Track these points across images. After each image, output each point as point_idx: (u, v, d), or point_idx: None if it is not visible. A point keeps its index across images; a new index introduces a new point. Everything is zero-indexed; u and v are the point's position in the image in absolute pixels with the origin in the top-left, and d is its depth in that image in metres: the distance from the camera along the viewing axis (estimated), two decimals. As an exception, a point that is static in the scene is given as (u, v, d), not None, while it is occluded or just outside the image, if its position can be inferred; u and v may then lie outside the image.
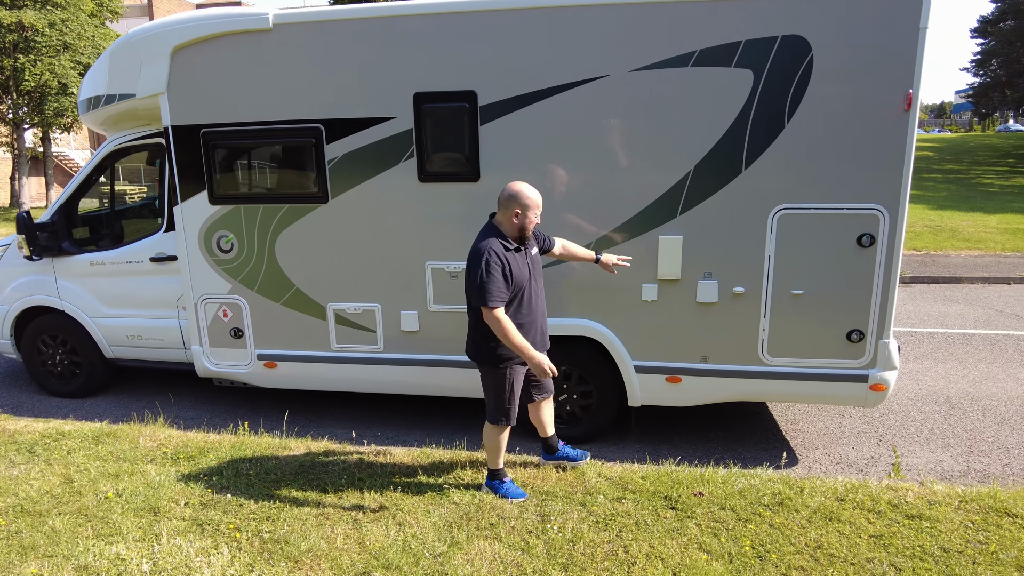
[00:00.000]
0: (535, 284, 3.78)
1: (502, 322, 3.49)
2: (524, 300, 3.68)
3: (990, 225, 14.85)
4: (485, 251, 3.51)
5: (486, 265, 3.47)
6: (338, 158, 4.66)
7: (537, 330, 3.80)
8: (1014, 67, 29.49)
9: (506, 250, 3.58)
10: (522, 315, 3.69)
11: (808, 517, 3.55)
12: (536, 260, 3.83)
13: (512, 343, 3.50)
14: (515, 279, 3.57)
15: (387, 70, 4.45)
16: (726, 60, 4.04)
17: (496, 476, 3.93)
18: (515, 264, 3.59)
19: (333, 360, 5.05)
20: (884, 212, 4.07)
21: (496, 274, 3.47)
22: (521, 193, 3.60)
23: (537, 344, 3.74)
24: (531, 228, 3.66)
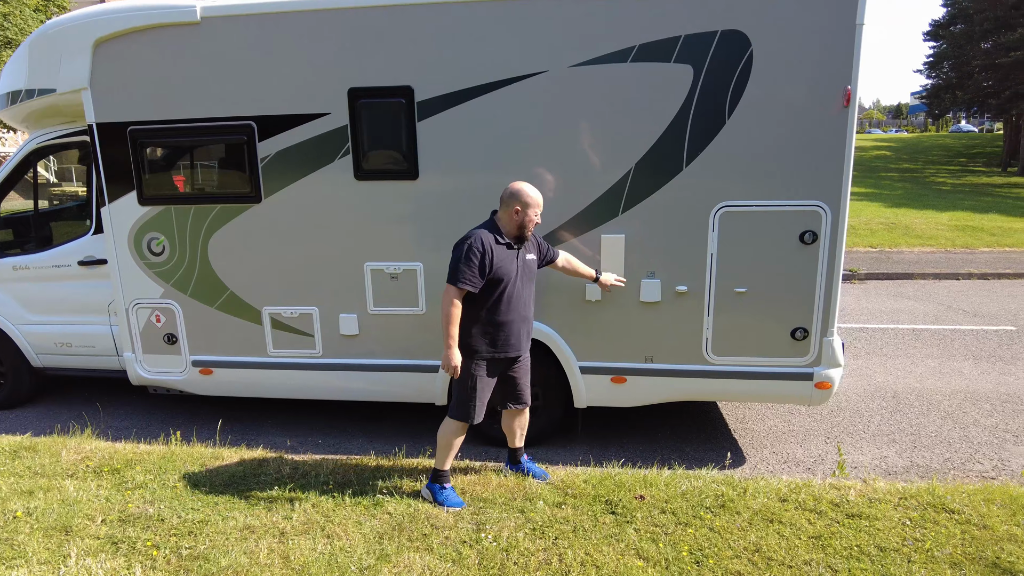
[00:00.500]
0: (521, 286, 3.71)
1: (453, 304, 3.52)
2: (504, 298, 3.64)
3: (941, 222, 15.18)
4: (472, 236, 3.56)
5: (468, 248, 3.51)
6: (271, 156, 4.48)
7: (513, 333, 3.72)
8: (964, 69, 30.28)
9: (496, 243, 3.57)
10: (500, 313, 3.65)
11: (749, 519, 3.49)
12: (529, 264, 3.78)
13: (445, 326, 3.53)
14: (495, 272, 3.56)
15: (320, 65, 4.29)
16: (665, 55, 3.98)
17: (439, 479, 3.81)
18: (500, 258, 3.56)
19: (270, 366, 4.87)
20: (826, 209, 4.04)
21: (473, 259, 3.50)
22: (522, 191, 3.59)
23: (509, 346, 3.72)
24: (530, 227, 3.65)
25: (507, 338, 3.69)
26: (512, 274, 3.65)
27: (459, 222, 4.33)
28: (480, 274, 3.54)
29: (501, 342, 3.69)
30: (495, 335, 3.67)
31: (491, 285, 3.61)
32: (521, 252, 3.71)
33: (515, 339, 3.73)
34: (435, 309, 4.47)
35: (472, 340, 3.64)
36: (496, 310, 3.65)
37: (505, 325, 3.67)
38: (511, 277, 3.64)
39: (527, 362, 3.94)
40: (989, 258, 12.09)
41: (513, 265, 3.66)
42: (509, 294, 3.66)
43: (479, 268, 3.52)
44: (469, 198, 4.29)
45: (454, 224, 4.34)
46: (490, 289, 3.62)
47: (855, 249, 13.03)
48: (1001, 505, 3.65)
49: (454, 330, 3.54)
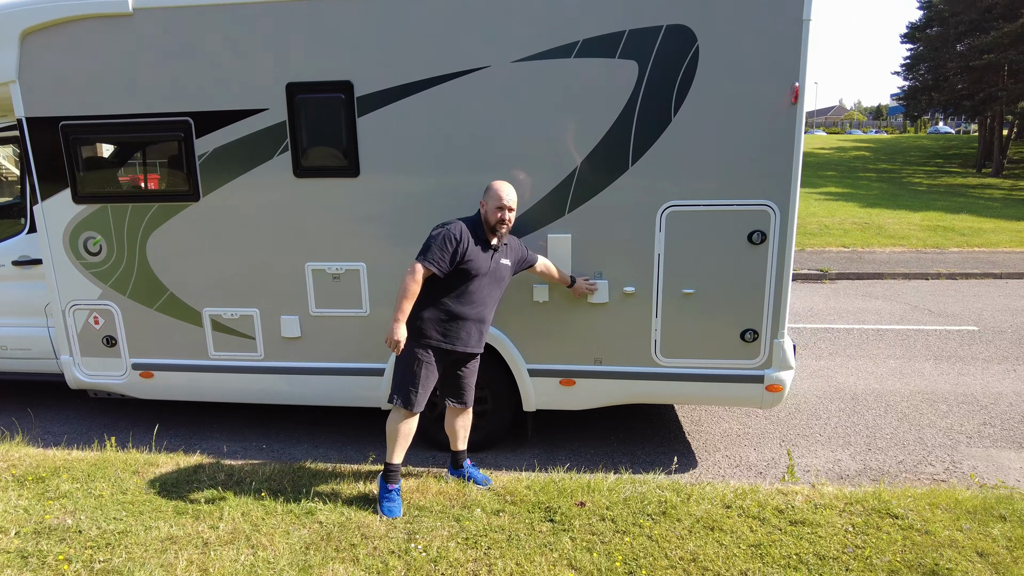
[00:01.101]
0: (486, 285, 3.66)
1: (414, 280, 3.46)
2: (469, 291, 3.60)
3: (913, 222, 15.28)
4: (453, 223, 3.57)
5: (446, 231, 3.51)
6: (209, 153, 4.33)
7: (465, 328, 3.66)
8: (939, 72, 30.59)
9: (474, 237, 3.56)
10: (462, 305, 3.61)
11: (690, 527, 3.40)
12: (500, 269, 3.72)
13: (398, 299, 3.47)
14: (465, 263, 3.53)
15: (257, 59, 4.15)
16: (610, 51, 3.88)
17: (388, 476, 3.69)
18: (474, 253, 3.56)
19: (211, 369, 4.72)
20: (775, 208, 3.97)
21: (448, 245, 3.48)
22: (491, 187, 3.63)
23: (458, 340, 3.66)
24: (499, 225, 3.59)
25: (458, 332, 3.62)
26: (481, 271, 3.60)
27: (402, 221, 4.23)
28: (450, 260, 3.50)
29: (452, 334, 3.61)
30: (447, 325, 3.60)
31: (457, 275, 3.56)
32: (497, 254, 3.66)
33: (466, 335, 3.65)
34: (379, 311, 4.35)
35: (424, 324, 3.59)
36: (456, 301, 3.59)
37: (459, 318, 3.60)
38: (479, 273, 3.59)
39: (476, 364, 3.87)
40: (958, 258, 12.15)
41: (486, 264, 3.61)
42: (473, 289, 3.60)
43: (451, 255, 3.49)
44: (411, 196, 4.18)
45: (396, 223, 4.25)
46: (455, 278, 3.57)
47: (828, 249, 13.06)
48: (946, 509, 3.60)
49: (407, 305, 3.48)
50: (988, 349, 7.01)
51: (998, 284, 10.41)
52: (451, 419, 3.93)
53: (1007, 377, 6.18)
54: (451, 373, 3.80)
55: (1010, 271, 11.03)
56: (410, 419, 3.70)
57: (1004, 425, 5.17)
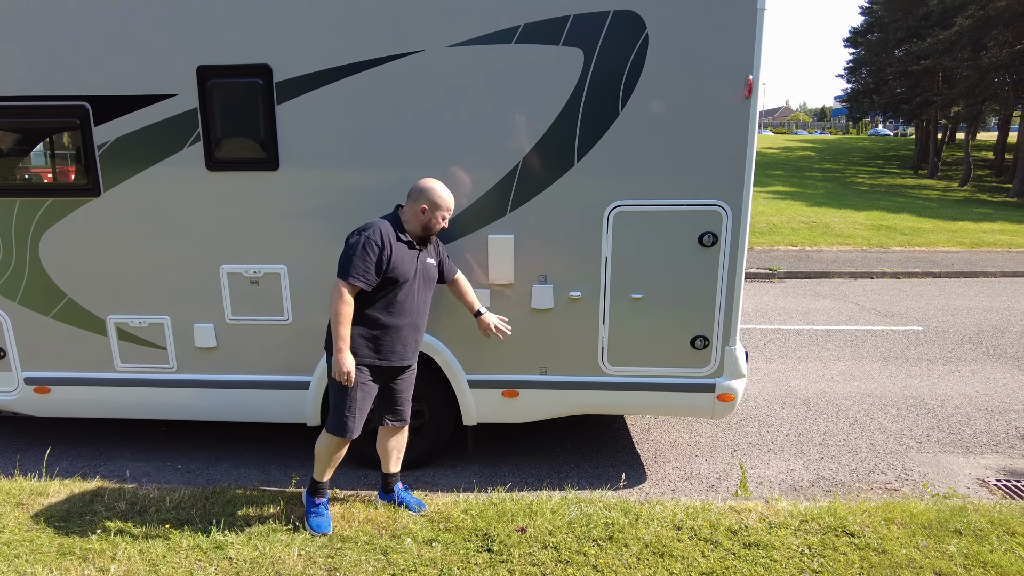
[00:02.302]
0: (417, 290, 3.34)
1: (343, 301, 3.12)
2: (397, 300, 3.27)
3: (858, 221, 15.56)
4: (371, 227, 3.19)
5: (365, 240, 3.13)
6: (110, 143, 3.87)
7: (400, 339, 3.33)
8: (880, 76, 31.52)
9: (397, 239, 3.23)
10: (391, 315, 3.27)
11: (638, 553, 3.15)
12: (429, 269, 3.40)
13: (334, 327, 3.13)
14: (393, 270, 3.20)
15: (165, 39, 3.70)
16: (554, 37, 3.59)
17: (315, 491, 3.45)
18: (399, 256, 3.22)
19: (118, 383, 4.24)
20: (727, 209, 3.75)
21: (371, 254, 3.13)
22: (433, 190, 3.27)
23: (394, 354, 3.32)
24: (435, 230, 3.33)
25: (393, 344, 3.29)
26: (410, 275, 3.27)
27: (326, 218, 3.86)
28: (376, 271, 3.15)
29: (386, 348, 3.28)
30: (380, 339, 3.26)
31: (385, 284, 3.22)
32: (423, 254, 3.33)
33: (401, 346, 3.32)
34: (302, 318, 3.97)
35: (354, 343, 3.22)
36: (386, 312, 3.25)
37: (393, 330, 3.27)
38: (408, 278, 3.26)
39: (412, 375, 3.55)
40: (901, 257, 12.37)
41: (413, 266, 3.27)
42: (404, 296, 3.27)
43: (375, 264, 3.14)
44: (337, 191, 3.81)
45: (320, 220, 3.88)
46: (383, 288, 3.23)
47: (776, 248, 13.14)
48: (901, 525, 3.44)
49: (345, 331, 3.12)
50: (932, 349, 7.02)
51: (938, 283, 10.60)
52: (385, 439, 3.59)
53: (951, 378, 6.18)
54: (386, 389, 3.46)
55: (949, 270, 11.26)
56: (344, 445, 3.38)
57: (951, 429, 5.11)
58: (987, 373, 6.32)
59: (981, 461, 4.65)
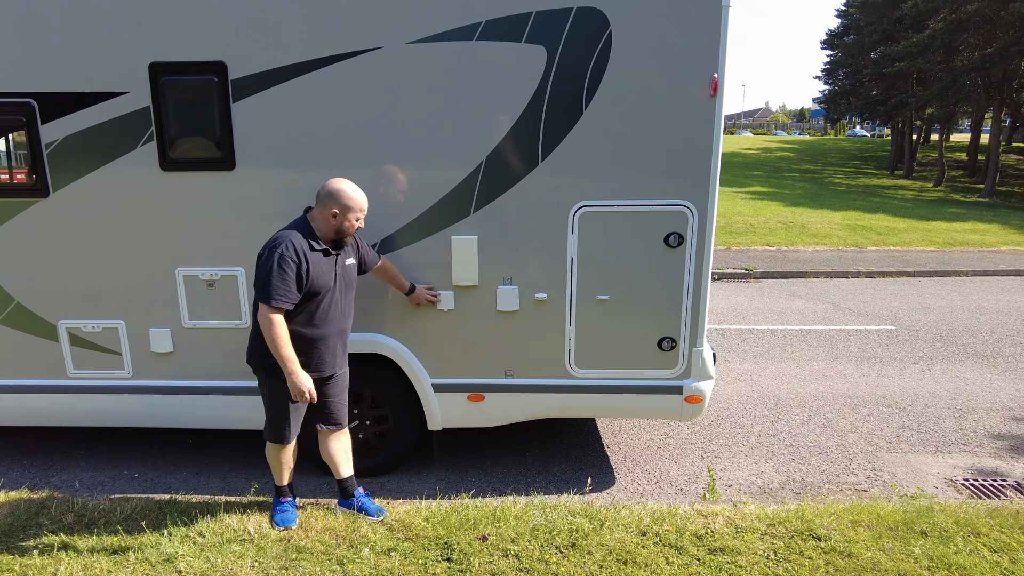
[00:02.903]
0: (339, 296, 3.25)
1: (274, 325, 3.01)
2: (320, 309, 3.17)
3: (835, 221, 15.67)
4: (283, 243, 3.05)
5: (279, 259, 3.00)
6: (58, 141, 3.73)
7: (329, 349, 3.26)
8: (856, 77, 31.89)
9: (311, 249, 3.08)
10: (316, 327, 3.17)
11: (601, 561, 3.08)
12: (348, 271, 3.31)
13: (276, 351, 3.03)
14: (312, 283, 3.08)
15: (116, 34, 3.58)
16: (516, 34, 3.52)
17: (279, 493, 3.49)
18: (316, 266, 3.09)
19: (70, 390, 4.10)
20: (692, 209, 3.71)
21: (288, 272, 3.01)
22: (342, 191, 3.15)
23: (324, 364, 3.25)
24: (351, 233, 3.22)
25: (322, 355, 3.22)
26: (330, 284, 3.18)
27: (284, 219, 3.67)
28: (297, 287, 3.05)
29: (315, 360, 3.20)
30: (308, 352, 3.18)
31: (306, 298, 3.12)
32: (340, 258, 3.22)
33: (330, 356, 3.26)
34: (261, 322, 3.86)
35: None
36: (310, 324, 3.16)
37: (320, 341, 3.19)
38: (329, 287, 3.17)
39: (344, 378, 3.47)
40: (876, 257, 12.47)
41: (331, 274, 3.18)
42: (327, 305, 3.18)
43: (295, 282, 3.04)
44: (295, 192, 3.68)
45: (279, 221, 3.69)
46: (304, 302, 3.13)
47: (753, 248, 13.19)
48: (868, 527, 3.41)
49: (288, 352, 3.03)
50: (904, 349, 7.05)
51: (912, 282, 10.68)
52: (326, 444, 3.50)
53: (922, 377, 6.20)
54: (319, 394, 3.36)
55: (922, 270, 11.36)
56: (285, 450, 3.34)
57: (921, 428, 5.12)
58: (957, 372, 6.35)
59: (950, 460, 4.65)
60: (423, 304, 3.77)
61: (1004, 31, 21.82)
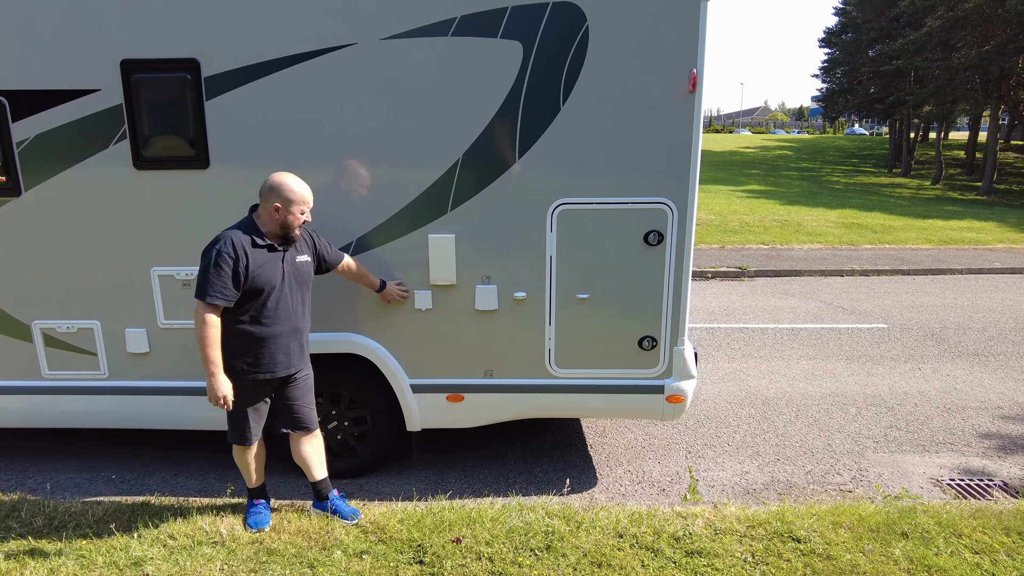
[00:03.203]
0: (289, 293, 3.18)
1: (206, 323, 2.99)
2: (267, 307, 3.12)
3: (830, 220, 15.62)
4: (222, 240, 3.05)
5: (216, 254, 3.00)
6: (30, 140, 3.69)
7: (280, 349, 3.19)
8: (854, 75, 31.82)
9: (254, 245, 3.05)
10: (265, 325, 3.12)
11: (575, 564, 3.04)
12: (300, 268, 3.25)
13: (201, 350, 3.02)
14: (254, 280, 3.04)
15: (87, 31, 3.54)
16: (491, 29, 3.48)
17: (252, 495, 3.49)
18: (258, 263, 3.05)
19: (45, 391, 4.06)
20: (672, 206, 3.66)
21: (225, 268, 2.98)
22: (283, 185, 3.10)
23: (276, 364, 3.18)
24: (296, 227, 3.14)
25: (273, 355, 3.16)
26: (276, 280, 3.12)
27: (259, 220, 3.71)
28: (234, 284, 3.01)
29: (266, 361, 3.15)
30: (258, 352, 3.14)
31: (249, 296, 3.08)
32: (289, 254, 3.18)
33: (283, 356, 3.20)
34: (237, 322, 3.82)
35: (229, 359, 3.11)
36: (258, 323, 3.12)
37: (269, 340, 3.14)
38: (275, 284, 3.12)
39: (306, 380, 3.41)
40: (871, 255, 12.42)
41: (277, 271, 3.13)
42: (273, 304, 3.13)
43: (232, 278, 3.00)
44: (270, 191, 3.66)
45: (253, 222, 3.72)
46: (248, 301, 3.09)
47: (748, 246, 13.14)
48: (849, 528, 3.37)
49: (213, 353, 2.99)
50: (895, 347, 7.01)
51: (906, 280, 10.64)
52: (297, 447, 3.46)
53: (912, 376, 6.15)
54: (280, 397, 3.34)
55: (917, 268, 11.32)
56: (250, 450, 3.32)
57: (909, 428, 5.07)
58: (947, 370, 6.31)
59: (936, 460, 4.61)
60: (394, 300, 3.73)
61: (1001, 28, 21.76)
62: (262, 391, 3.22)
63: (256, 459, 3.38)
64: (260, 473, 3.44)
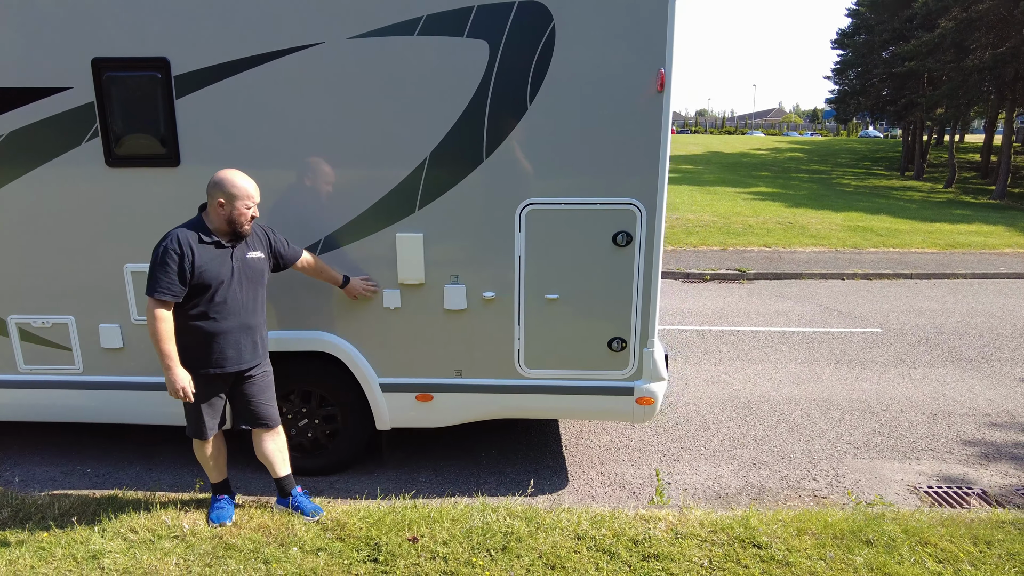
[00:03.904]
0: (239, 289, 3.21)
1: (157, 319, 3.05)
2: (215, 303, 3.15)
3: (835, 222, 15.47)
4: (168, 238, 3.10)
5: (163, 252, 3.05)
6: (3, 136, 3.73)
7: (231, 344, 3.22)
8: (867, 77, 31.49)
9: (200, 242, 3.10)
10: (216, 320, 3.16)
11: (529, 565, 3.03)
12: (251, 264, 3.27)
13: (156, 345, 3.06)
14: (200, 276, 3.08)
15: (58, 29, 3.57)
16: (457, 28, 3.47)
17: (215, 490, 3.55)
18: (205, 259, 3.10)
19: (21, 384, 4.11)
20: (640, 207, 3.64)
21: (170, 264, 3.03)
22: (225, 180, 3.11)
23: (226, 360, 3.21)
24: (242, 222, 3.18)
25: (223, 350, 3.18)
26: (224, 277, 3.15)
27: (228, 217, 3.73)
28: (180, 280, 3.05)
29: (217, 356, 3.17)
30: (209, 348, 3.16)
31: (197, 291, 3.11)
32: (237, 251, 3.20)
33: (234, 351, 3.22)
34: (207, 319, 3.84)
35: (183, 353, 3.12)
36: (207, 318, 3.15)
37: (220, 335, 3.16)
38: (222, 280, 3.14)
39: (264, 377, 3.42)
40: (874, 258, 12.28)
41: (225, 266, 3.15)
42: (221, 300, 3.15)
43: (177, 274, 3.04)
44: (238, 189, 3.67)
45: (222, 220, 3.74)
46: (196, 296, 3.12)
47: (749, 248, 13.04)
48: (813, 535, 3.33)
49: (167, 347, 3.03)
50: (888, 352, 6.92)
51: (907, 284, 10.51)
52: (259, 444, 3.47)
53: (902, 381, 6.08)
54: (235, 393, 3.36)
55: (919, 271, 11.17)
56: (212, 444, 3.37)
57: (892, 434, 5.01)
58: (938, 376, 6.23)
59: (916, 467, 4.55)
60: (360, 296, 3.72)
61: (1016, 30, 21.44)
62: (215, 386, 3.24)
63: (215, 454, 3.41)
64: (221, 468, 3.46)
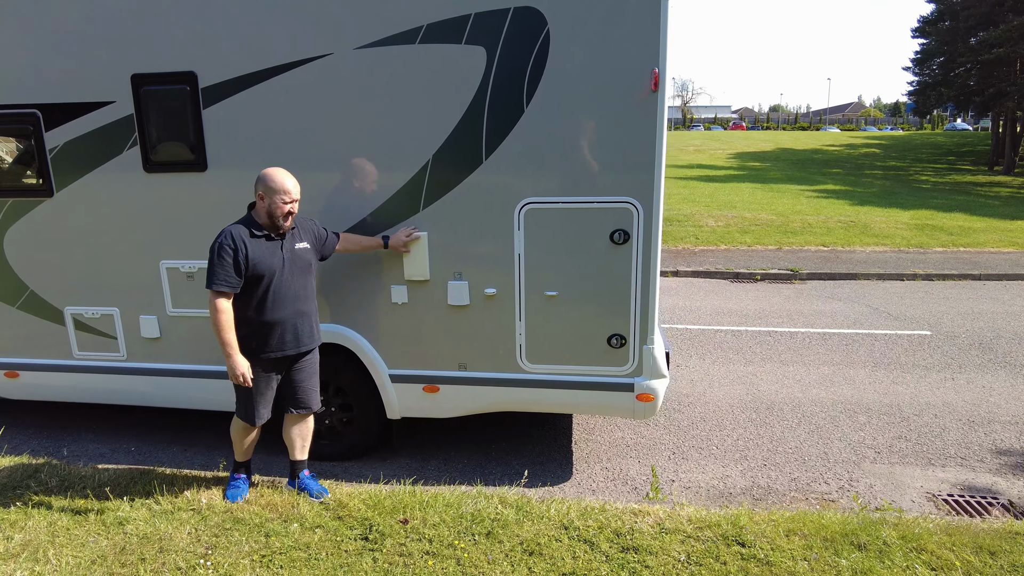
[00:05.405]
0: (290, 279, 3.48)
1: (218, 310, 3.30)
2: (270, 295, 3.43)
3: (902, 221, 14.76)
4: (222, 234, 3.37)
5: (218, 247, 3.31)
6: (60, 147, 4.16)
7: (288, 330, 3.51)
8: (951, 66, 29.69)
9: (252, 236, 3.38)
10: (268, 312, 3.44)
11: (509, 551, 3.15)
12: (298, 255, 3.54)
13: (217, 334, 3.33)
14: (254, 268, 3.35)
15: (103, 49, 3.96)
16: (456, 36, 3.63)
17: (236, 468, 3.80)
18: (257, 251, 3.36)
19: (76, 369, 4.55)
20: (637, 205, 3.70)
21: (226, 257, 3.29)
22: (267, 175, 3.40)
23: (286, 344, 3.51)
24: (282, 215, 3.41)
25: (282, 336, 3.48)
26: (276, 268, 3.41)
27: (248, 217, 4.02)
28: (236, 272, 3.32)
29: (274, 342, 3.47)
30: (268, 335, 3.45)
31: (252, 283, 3.39)
32: (287, 242, 3.46)
33: (292, 337, 3.51)
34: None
35: (245, 342, 3.42)
36: (263, 309, 3.42)
37: (277, 324, 3.45)
38: (274, 271, 3.41)
39: (313, 362, 3.70)
40: (940, 258, 11.67)
41: (276, 257, 3.42)
42: (275, 290, 3.43)
43: (233, 267, 3.31)
44: (257, 191, 3.96)
45: (244, 219, 4.04)
46: (252, 287, 3.40)
47: (806, 248, 12.64)
48: (803, 536, 3.31)
49: (228, 336, 3.32)
50: (934, 356, 6.63)
51: (973, 286, 9.95)
52: (289, 427, 3.74)
53: (942, 387, 5.83)
54: (288, 377, 3.62)
55: (990, 272, 10.55)
56: (252, 431, 3.66)
57: (919, 439, 4.84)
58: (985, 382, 5.93)
59: (940, 474, 4.39)
60: (410, 243, 3.85)
61: (1118, 12, 19.78)
62: (274, 369, 3.52)
63: (253, 439, 3.70)
64: (250, 450, 3.75)
